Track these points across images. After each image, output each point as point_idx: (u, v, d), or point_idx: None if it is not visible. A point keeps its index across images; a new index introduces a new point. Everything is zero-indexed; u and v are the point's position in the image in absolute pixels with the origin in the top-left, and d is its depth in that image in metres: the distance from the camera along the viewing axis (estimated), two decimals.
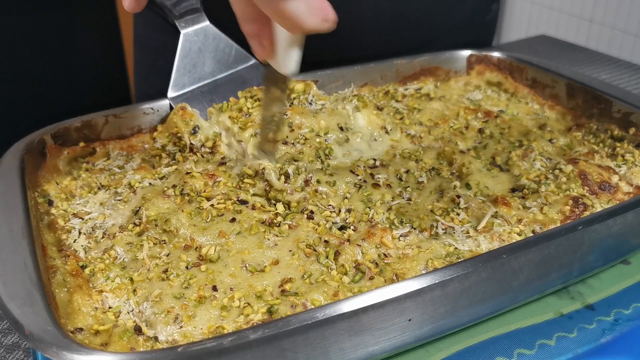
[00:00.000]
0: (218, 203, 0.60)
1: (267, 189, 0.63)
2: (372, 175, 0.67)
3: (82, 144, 0.73)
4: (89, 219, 0.62)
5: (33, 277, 0.48)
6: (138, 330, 0.49)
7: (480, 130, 0.76)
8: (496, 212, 0.61)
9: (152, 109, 0.77)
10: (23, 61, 2.28)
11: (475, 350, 0.56)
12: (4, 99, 2.27)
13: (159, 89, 1.12)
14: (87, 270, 0.56)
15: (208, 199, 0.61)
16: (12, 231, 0.53)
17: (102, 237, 0.59)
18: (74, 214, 0.63)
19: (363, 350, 0.50)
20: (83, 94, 2.43)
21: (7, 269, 0.49)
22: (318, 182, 0.64)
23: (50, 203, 0.64)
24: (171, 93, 0.76)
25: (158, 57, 1.13)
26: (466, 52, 0.94)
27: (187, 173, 0.64)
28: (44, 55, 2.31)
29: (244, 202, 0.61)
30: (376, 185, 0.65)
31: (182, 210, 0.59)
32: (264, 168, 0.63)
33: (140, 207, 0.61)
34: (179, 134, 0.70)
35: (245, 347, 0.43)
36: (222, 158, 0.68)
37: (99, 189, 0.67)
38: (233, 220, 0.59)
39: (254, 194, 0.63)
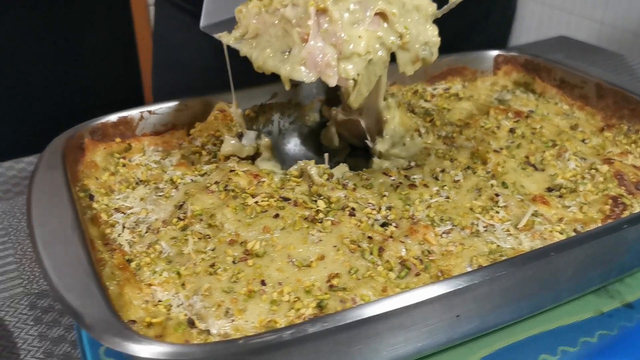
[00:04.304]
0: (262, 200, 0.61)
1: (310, 185, 0.64)
2: (407, 177, 0.68)
3: (118, 140, 0.73)
4: (131, 213, 0.62)
5: (87, 270, 0.49)
6: (191, 323, 0.49)
7: (512, 130, 0.77)
8: (536, 210, 0.61)
9: (185, 105, 0.77)
10: (34, 58, 2.28)
11: (519, 347, 0.56)
12: (13, 95, 2.27)
13: (181, 86, 1.13)
14: (133, 264, 0.56)
15: (252, 196, 0.61)
16: (62, 224, 0.54)
17: (146, 232, 0.60)
18: (115, 208, 0.63)
19: (413, 346, 0.50)
20: (94, 92, 2.44)
21: (61, 262, 0.49)
22: (355, 186, 0.65)
23: (91, 198, 0.64)
24: (203, 22, 0.72)
25: (179, 54, 1.13)
26: (493, 52, 0.94)
27: (232, 171, 0.65)
28: (54, 52, 2.32)
29: (286, 199, 0.62)
30: (412, 186, 0.66)
31: (227, 206, 0.60)
32: (308, 166, 0.64)
33: (184, 202, 0.61)
34: (220, 138, 0.71)
35: (303, 341, 0.44)
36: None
37: (137, 184, 0.68)
38: (276, 216, 0.59)
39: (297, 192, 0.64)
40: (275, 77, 0.84)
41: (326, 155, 0.69)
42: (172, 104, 0.76)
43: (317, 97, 0.85)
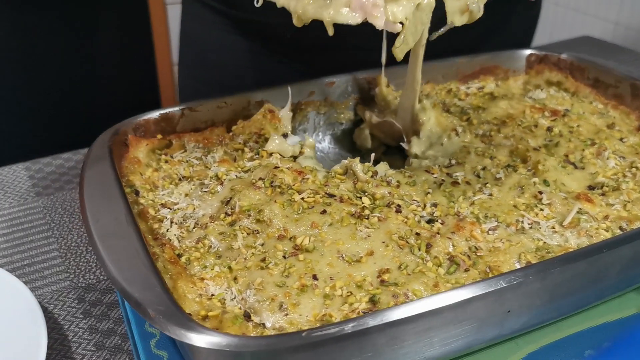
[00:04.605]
0: (308, 196, 0.61)
1: (354, 182, 0.64)
2: (449, 174, 0.68)
3: (159, 136, 0.74)
4: (178, 209, 0.63)
5: (146, 263, 0.50)
6: (247, 316, 0.50)
7: (549, 129, 0.77)
8: (580, 208, 0.62)
9: (225, 102, 0.78)
10: (51, 57, 2.29)
11: (564, 343, 0.57)
12: (27, 97, 2.29)
13: (211, 84, 1.14)
14: (183, 259, 0.57)
15: (298, 192, 0.62)
16: (117, 219, 0.55)
17: (194, 227, 0.61)
18: (161, 204, 0.64)
19: (464, 341, 0.51)
20: (110, 91, 2.45)
21: (120, 255, 0.50)
22: (398, 182, 0.66)
23: (137, 193, 0.65)
24: None
25: (208, 53, 1.14)
26: (526, 52, 0.94)
27: (276, 167, 0.65)
28: (71, 51, 2.33)
29: (331, 196, 0.62)
30: (455, 183, 0.67)
31: (275, 202, 0.60)
32: (353, 164, 0.65)
33: (231, 198, 0.62)
34: (266, 135, 0.72)
35: (363, 334, 0.45)
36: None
37: (179, 180, 0.69)
38: (324, 212, 0.60)
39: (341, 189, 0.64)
40: (311, 75, 0.85)
41: (372, 155, 0.70)
42: (212, 101, 0.77)
43: (352, 96, 0.86)
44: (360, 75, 0.86)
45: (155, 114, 0.74)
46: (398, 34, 0.58)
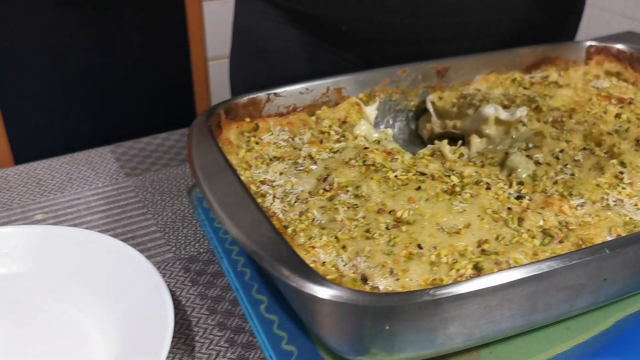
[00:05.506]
0: (400, 174, 0.65)
1: (442, 162, 0.68)
2: (528, 156, 0.72)
3: (247, 120, 0.78)
4: (277, 185, 0.67)
5: (270, 229, 0.54)
6: (364, 280, 0.54)
7: (617, 115, 0.80)
8: None
9: (307, 89, 0.82)
10: (78, 57, 2.34)
11: None
12: (51, 96, 2.34)
13: (267, 75, 1.18)
14: (289, 230, 0.61)
15: (392, 170, 0.66)
16: (232, 191, 0.59)
17: (295, 202, 0.65)
18: (260, 181, 0.68)
19: (564, 307, 0.54)
20: (145, 86, 2.50)
21: (246, 223, 0.54)
22: (482, 163, 0.70)
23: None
24: None
25: (262, 43, 1.17)
26: (586, 43, 0.98)
27: (365, 148, 0.69)
28: (106, 47, 2.38)
29: (423, 174, 0.66)
30: (537, 164, 0.70)
31: (371, 178, 0.64)
32: (441, 146, 0.69)
33: (328, 175, 0.66)
34: (351, 122, 0.77)
35: (478, 295, 0.48)
36: None
37: (270, 160, 0.73)
38: (418, 188, 0.63)
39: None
40: (364, 67, 0.89)
41: (459, 142, 0.74)
42: (295, 87, 0.81)
43: (421, 84, 0.90)
44: (431, 65, 0.89)
45: (244, 99, 0.78)
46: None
